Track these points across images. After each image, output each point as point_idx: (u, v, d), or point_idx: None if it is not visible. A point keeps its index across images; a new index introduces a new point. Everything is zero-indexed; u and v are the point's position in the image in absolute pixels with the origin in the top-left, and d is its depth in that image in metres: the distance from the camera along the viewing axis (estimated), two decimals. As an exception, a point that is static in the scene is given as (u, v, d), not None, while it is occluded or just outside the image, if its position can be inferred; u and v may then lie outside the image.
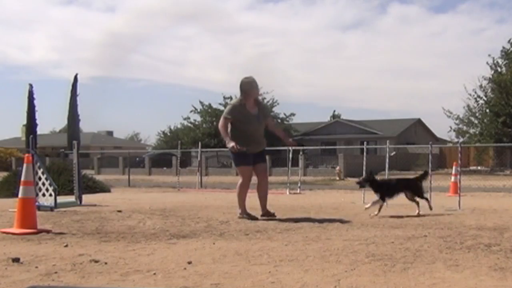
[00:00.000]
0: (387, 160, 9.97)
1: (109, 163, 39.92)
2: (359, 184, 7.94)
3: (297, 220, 6.57)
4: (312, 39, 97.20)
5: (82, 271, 3.53)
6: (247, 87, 6.99)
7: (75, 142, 9.98)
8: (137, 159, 40.39)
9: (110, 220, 6.52)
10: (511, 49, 32.24)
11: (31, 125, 39.14)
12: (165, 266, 3.72)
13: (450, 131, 33.50)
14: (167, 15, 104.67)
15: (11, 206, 7.54)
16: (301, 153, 17.92)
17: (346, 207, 8.81)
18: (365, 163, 10.78)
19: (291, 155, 15.25)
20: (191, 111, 42.70)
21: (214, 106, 41.70)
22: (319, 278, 3.35)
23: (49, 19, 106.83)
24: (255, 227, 5.90)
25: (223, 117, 7.00)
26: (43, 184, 8.07)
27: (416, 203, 7.62)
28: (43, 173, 8.16)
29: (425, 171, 8.36)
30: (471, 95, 31.74)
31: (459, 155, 9.55)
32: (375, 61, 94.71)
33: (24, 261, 3.86)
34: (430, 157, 10.29)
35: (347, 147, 35.70)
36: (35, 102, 40.24)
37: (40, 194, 7.97)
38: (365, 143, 15.87)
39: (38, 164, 8.13)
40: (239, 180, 7.12)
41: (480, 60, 77.78)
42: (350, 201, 10.15)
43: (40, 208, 7.38)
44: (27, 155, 6.06)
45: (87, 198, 9.76)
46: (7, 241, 4.90)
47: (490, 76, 31.74)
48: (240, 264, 3.79)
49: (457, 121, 32.41)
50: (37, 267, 3.65)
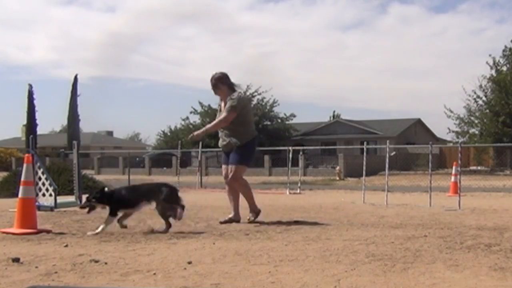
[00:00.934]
0: (387, 160, 9.98)
1: (109, 163, 39.92)
2: (84, 207, 5.80)
3: (297, 220, 6.57)
4: (312, 39, 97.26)
5: (82, 271, 3.53)
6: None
7: (75, 142, 9.98)
8: (137, 159, 40.39)
9: (110, 220, 6.51)
10: (512, 48, 32.25)
11: (31, 125, 39.20)
12: (165, 266, 3.72)
13: (449, 132, 33.52)
14: (167, 15, 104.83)
15: (11, 206, 7.54)
16: (301, 153, 17.91)
17: (346, 207, 8.81)
18: (365, 163, 10.79)
19: (291, 155, 15.25)
20: (190, 112, 42.74)
21: (214, 107, 41.69)
22: (319, 278, 3.35)
23: (49, 19, 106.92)
24: (255, 227, 5.90)
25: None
26: (43, 184, 8.08)
27: (165, 220, 5.56)
28: (43, 173, 8.16)
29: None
30: (470, 95, 31.79)
31: (459, 155, 9.56)
32: (375, 61, 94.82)
33: (24, 261, 3.85)
34: (430, 157, 10.29)
35: (347, 147, 35.69)
36: (35, 102, 40.37)
37: (40, 194, 7.97)
38: (365, 143, 15.88)
39: (38, 164, 8.13)
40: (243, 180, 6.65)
41: (480, 60, 77.79)
42: (350, 201, 10.15)
43: (40, 208, 7.38)
44: (27, 155, 6.06)
45: (87, 198, 9.75)
46: (7, 241, 4.90)
47: (490, 75, 31.76)
48: (240, 264, 3.79)
49: (457, 121, 32.42)
50: (37, 267, 3.65)
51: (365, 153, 11.01)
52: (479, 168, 30.23)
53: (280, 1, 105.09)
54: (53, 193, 7.93)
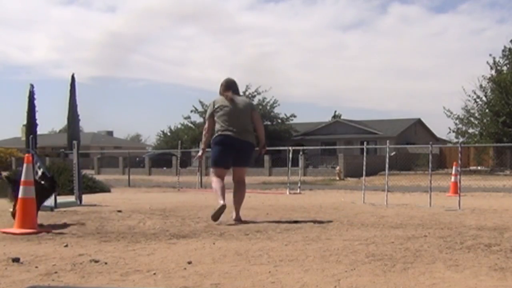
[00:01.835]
0: (387, 160, 9.97)
1: (109, 163, 39.91)
2: None
3: (297, 220, 6.57)
4: (312, 39, 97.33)
5: (82, 271, 3.53)
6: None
7: (75, 142, 9.98)
8: (137, 159, 40.39)
9: (110, 220, 6.52)
10: (512, 48, 32.26)
11: (31, 125, 39.17)
12: (165, 266, 3.72)
13: (449, 132, 33.52)
14: (168, 15, 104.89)
15: (11, 206, 7.54)
16: (301, 153, 17.91)
17: (346, 207, 8.81)
18: (365, 163, 10.79)
19: (291, 155, 15.25)
20: (191, 111, 42.74)
21: (214, 106, 41.69)
22: (319, 278, 3.35)
23: (50, 19, 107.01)
24: (255, 227, 5.90)
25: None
26: (43, 184, 8.07)
27: None
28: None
29: None
30: (470, 96, 31.79)
31: (459, 155, 9.55)
32: (376, 61, 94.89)
33: (24, 261, 3.85)
34: (430, 157, 10.29)
35: (347, 147, 35.70)
36: (35, 102, 40.34)
37: (40, 194, 7.96)
38: (365, 143, 15.90)
39: (38, 164, 8.13)
40: (243, 180, 7.20)
41: (480, 60, 77.95)
42: (350, 201, 10.15)
43: (40, 208, 7.37)
44: (27, 155, 6.06)
45: (87, 198, 9.77)
46: (7, 241, 4.90)
47: (490, 75, 31.76)
48: (240, 264, 3.79)
49: (457, 121, 32.42)
50: (37, 267, 3.65)
51: (365, 153, 11.01)
52: (479, 168, 30.22)
53: (280, 1, 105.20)
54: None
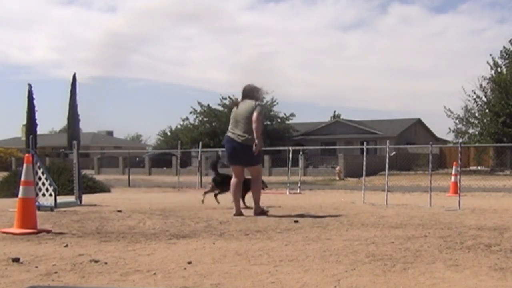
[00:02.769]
0: (387, 160, 9.97)
1: (109, 163, 39.92)
2: None
3: (297, 220, 6.57)
4: (312, 39, 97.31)
5: (82, 271, 3.53)
6: (258, 90, 7.52)
7: (75, 142, 9.97)
8: (137, 159, 40.40)
9: (110, 220, 6.52)
10: (511, 49, 32.24)
11: (31, 125, 39.16)
12: (165, 266, 3.72)
13: (449, 132, 33.52)
14: (168, 15, 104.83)
15: (11, 206, 7.54)
16: (301, 153, 17.90)
17: (346, 207, 8.81)
18: (365, 163, 10.79)
19: (291, 155, 15.25)
20: (190, 112, 42.77)
21: (212, 106, 41.73)
22: (319, 278, 3.35)
23: (50, 19, 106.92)
24: (255, 227, 5.90)
25: (260, 115, 7.17)
26: (43, 184, 8.08)
27: None
28: (43, 173, 8.17)
29: None
30: (470, 95, 31.78)
31: (459, 155, 9.55)
32: (376, 61, 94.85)
33: (24, 261, 3.85)
34: (430, 157, 10.28)
35: (347, 147, 35.71)
36: (35, 102, 40.33)
37: (40, 194, 7.97)
38: (365, 143, 15.90)
39: (38, 164, 8.13)
40: (257, 178, 7.46)
41: (480, 60, 77.84)
42: (350, 201, 10.14)
43: (40, 208, 7.38)
44: (27, 155, 6.06)
45: (87, 198, 9.77)
46: (7, 241, 4.90)
47: (490, 76, 31.75)
48: (240, 264, 3.79)
49: (457, 121, 32.42)
50: (37, 267, 3.65)
51: (365, 153, 11.00)
52: (479, 168, 30.23)
53: (280, 1, 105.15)
54: (53, 193, 7.94)
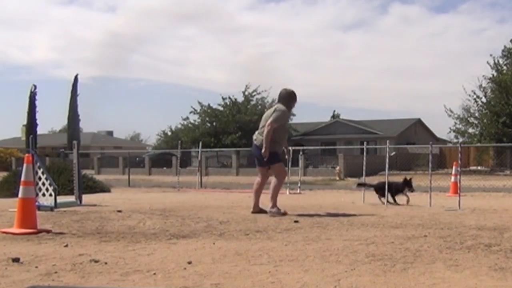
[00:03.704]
0: (387, 160, 9.97)
1: (109, 163, 39.91)
2: None
3: (297, 220, 6.57)
4: (313, 39, 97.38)
5: (82, 271, 3.53)
6: (293, 97, 7.70)
7: (75, 142, 9.97)
8: (137, 159, 40.39)
9: (110, 220, 6.52)
10: (512, 48, 32.26)
11: (31, 125, 39.13)
12: (165, 266, 3.72)
13: (450, 132, 33.51)
14: (168, 15, 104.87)
15: (11, 206, 7.54)
16: (301, 153, 17.90)
17: (346, 207, 8.81)
18: (365, 163, 10.79)
19: (291, 155, 15.24)
20: (190, 112, 42.76)
21: (213, 106, 41.73)
22: (319, 278, 3.35)
23: (50, 19, 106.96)
24: (255, 227, 5.90)
25: (274, 122, 7.34)
26: (43, 184, 8.08)
27: None
28: (43, 173, 8.16)
29: None
30: (470, 96, 31.77)
31: (459, 155, 9.55)
32: (376, 61, 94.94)
33: (24, 261, 3.85)
34: (430, 157, 10.28)
35: (347, 147, 35.70)
36: (36, 102, 40.31)
37: (40, 194, 7.97)
38: (365, 143, 15.86)
39: (38, 164, 8.13)
40: (276, 176, 7.58)
41: (480, 60, 77.85)
42: (350, 201, 10.14)
43: (40, 208, 7.38)
44: (27, 155, 6.06)
45: (87, 198, 9.76)
46: (7, 241, 4.89)
47: (490, 76, 31.74)
48: (240, 264, 3.79)
49: (457, 121, 32.41)
50: (37, 267, 3.65)
51: (365, 153, 11.00)
52: (479, 168, 30.22)
53: (281, 1, 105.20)
54: (53, 193, 7.93)
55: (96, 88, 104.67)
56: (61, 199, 8.56)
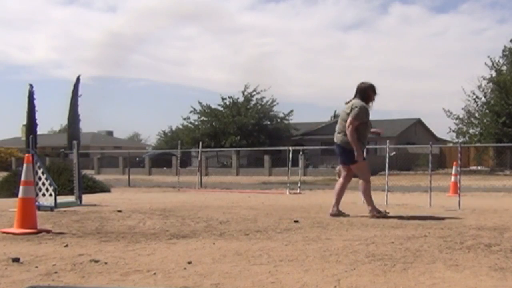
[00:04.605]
0: (387, 160, 9.97)
1: (109, 163, 39.91)
2: None
3: (297, 220, 6.57)
4: (313, 39, 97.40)
5: (82, 271, 3.53)
6: (371, 91, 7.36)
7: (75, 142, 9.97)
8: (137, 159, 40.41)
9: (110, 220, 6.52)
10: (512, 48, 32.25)
11: (31, 125, 39.15)
12: (165, 266, 3.72)
13: (450, 132, 33.50)
14: (168, 15, 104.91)
15: (11, 206, 7.54)
16: (301, 153, 17.89)
17: (346, 207, 8.80)
18: (365, 163, 10.77)
19: (291, 155, 15.24)
20: (190, 112, 42.76)
21: (213, 106, 41.73)
22: (319, 278, 3.35)
23: (50, 19, 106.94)
24: (255, 227, 5.90)
25: (354, 120, 7.07)
26: (43, 184, 8.08)
27: None
28: (43, 173, 8.16)
29: None
30: (470, 96, 31.77)
31: (459, 155, 9.55)
32: (376, 61, 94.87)
33: (24, 261, 3.86)
34: (430, 157, 10.28)
35: (347, 147, 35.58)
36: (35, 102, 40.33)
37: (40, 194, 7.97)
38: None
39: (38, 164, 8.13)
40: (361, 177, 7.41)
41: (481, 60, 77.68)
42: (350, 201, 10.14)
43: (40, 208, 7.38)
44: (27, 155, 6.06)
45: (87, 198, 9.77)
46: (7, 241, 4.90)
47: (490, 76, 31.74)
48: (240, 264, 3.79)
49: (457, 121, 32.41)
50: (37, 267, 3.65)
51: (365, 153, 10.99)
52: (479, 168, 30.22)
53: (281, 1, 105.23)
54: (53, 193, 7.93)
55: (96, 88, 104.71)
56: (61, 199, 8.56)
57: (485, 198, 11.53)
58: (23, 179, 5.72)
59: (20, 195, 5.61)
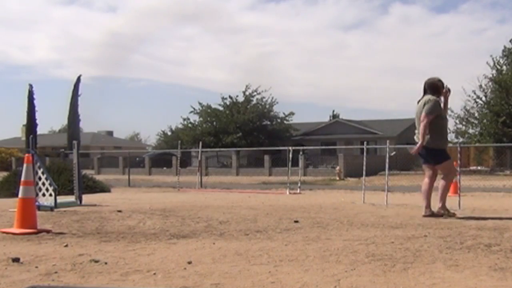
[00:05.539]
0: (387, 160, 9.97)
1: (109, 163, 39.93)
2: None
3: (297, 220, 6.57)
4: (313, 39, 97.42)
5: (82, 271, 3.53)
6: (441, 84, 7.24)
7: (75, 142, 9.98)
8: (137, 159, 40.40)
9: (110, 220, 6.52)
10: (512, 48, 32.23)
11: (31, 125, 39.15)
12: (165, 266, 3.72)
13: (449, 132, 33.49)
14: (169, 15, 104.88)
15: (11, 206, 7.54)
16: (301, 153, 17.91)
17: (346, 207, 8.81)
18: (365, 163, 10.79)
19: (291, 155, 15.25)
20: (190, 112, 42.77)
21: (213, 106, 41.74)
22: (319, 278, 3.35)
23: (50, 19, 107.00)
24: (255, 227, 5.90)
25: (429, 114, 6.91)
26: (43, 184, 8.08)
27: None
28: (43, 173, 8.17)
29: None
30: (470, 96, 31.76)
31: (459, 155, 9.55)
32: (376, 61, 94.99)
33: (24, 261, 3.85)
34: (430, 157, 10.25)
35: (347, 147, 35.70)
36: (35, 102, 40.32)
37: (40, 194, 7.98)
38: (365, 143, 15.87)
39: (38, 164, 8.13)
40: (445, 176, 7.17)
41: (481, 60, 77.82)
42: (350, 201, 10.14)
43: (40, 208, 7.38)
44: (27, 155, 6.06)
45: (87, 198, 9.77)
46: (7, 241, 4.90)
47: (490, 75, 31.73)
48: (240, 264, 3.79)
49: (457, 121, 32.42)
50: (37, 267, 3.65)
51: (365, 153, 11.01)
52: (479, 168, 30.21)
53: (281, 1, 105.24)
54: (53, 193, 7.94)
55: (96, 88, 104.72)
56: (61, 199, 8.56)
57: (485, 198, 11.53)
58: (23, 179, 5.72)
59: (20, 195, 5.61)
